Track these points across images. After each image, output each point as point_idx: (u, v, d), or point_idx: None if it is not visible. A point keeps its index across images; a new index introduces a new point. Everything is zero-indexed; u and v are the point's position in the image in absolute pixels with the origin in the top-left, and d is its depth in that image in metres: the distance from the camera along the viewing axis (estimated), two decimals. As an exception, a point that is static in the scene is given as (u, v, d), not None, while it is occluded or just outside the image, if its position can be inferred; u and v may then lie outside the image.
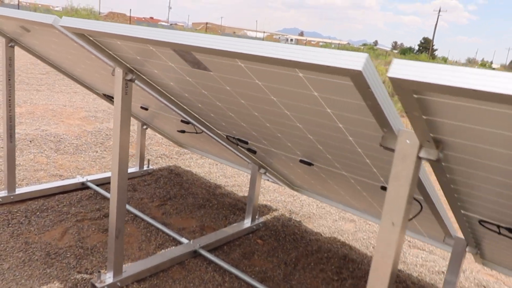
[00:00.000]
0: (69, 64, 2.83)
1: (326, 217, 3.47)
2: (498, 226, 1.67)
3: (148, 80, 2.05)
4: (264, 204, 3.59)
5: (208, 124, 2.43)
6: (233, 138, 2.43)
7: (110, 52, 1.86)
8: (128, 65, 1.94)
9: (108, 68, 2.30)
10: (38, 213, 2.99)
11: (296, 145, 1.91)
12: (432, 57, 40.91)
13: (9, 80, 2.89)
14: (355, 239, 3.17)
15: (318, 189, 2.67)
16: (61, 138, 4.32)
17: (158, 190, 3.62)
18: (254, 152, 2.46)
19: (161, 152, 4.54)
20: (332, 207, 3.68)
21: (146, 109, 2.97)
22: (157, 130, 3.90)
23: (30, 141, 4.14)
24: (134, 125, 5.40)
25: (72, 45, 2.15)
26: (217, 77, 1.48)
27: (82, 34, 1.73)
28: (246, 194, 3.75)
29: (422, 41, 59.61)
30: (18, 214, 2.92)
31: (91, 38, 1.78)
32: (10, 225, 2.77)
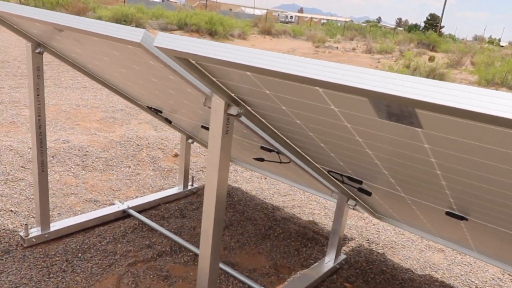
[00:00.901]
0: (116, 77, 2.27)
1: (409, 246, 2.98)
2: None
3: (259, 116, 1.52)
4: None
5: (309, 158, 1.91)
6: (340, 175, 1.91)
7: (213, 78, 1.32)
8: (233, 94, 1.40)
9: (184, 90, 1.75)
10: (80, 254, 2.47)
11: (460, 200, 1.40)
12: (439, 35, 38.99)
13: (38, 96, 2.33)
14: (453, 275, 2.68)
15: (426, 227, 2.17)
16: (87, 152, 3.77)
17: (210, 215, 3.10)
18: (367, 193, 1.94)
19: (201, 165, 4.00)
20: (412, 234, 3.19)
21: (206, 128, 2.43)
22: (202, 143, 3.36)
23: (52, 157, 3.59)
24: (165, 134, 4.86)
25: (144, 63, 1.60)
26: (422, 134, 0.96)
27: (184, 59, 1.18)
28: (311, 218, 3.25)
29: (429, 17, 57.24)
30: (57, 258, 2.40)
31: (193, 62, 1.24)
32: (51, 275, 2.25)
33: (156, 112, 2.76)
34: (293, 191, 3.70)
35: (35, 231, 2.53)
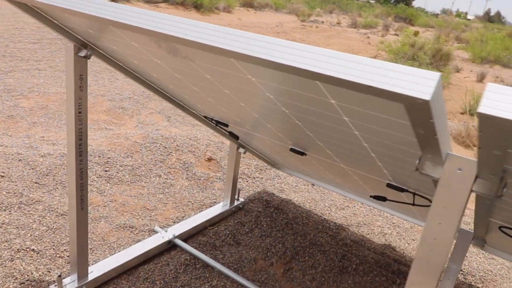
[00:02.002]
0: (189, 90, 1.68)
1: (508, 276, 2.57)
2: None
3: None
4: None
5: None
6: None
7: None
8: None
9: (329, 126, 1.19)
10: (128, 311, 1.94)
11: None
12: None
13: (80, 113, 1.72)
14: None
15: None
16: (109, 158, 3.16)
17: (268, 240, 2.60)
18: None
19: (239, 170, 3.45)
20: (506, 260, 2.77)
21: (303, 154, 1.87)
22: (257, 154, 2.82)
23: (70, 167, 2.96)
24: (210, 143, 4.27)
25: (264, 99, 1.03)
26: None
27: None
28: (383, 241, 2.78)
29: (399, -10, 54.87)
30: (102, 321, 1.86)
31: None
32: None
33: (217, 124, 2.18)
34: (350, 203, 3.22)
35: (69, 282, 1.97)
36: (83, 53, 1.61)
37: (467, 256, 2.73)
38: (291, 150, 1.86)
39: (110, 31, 1.31)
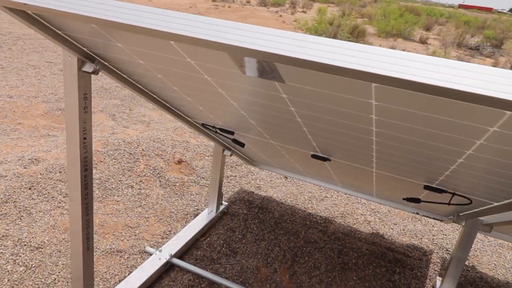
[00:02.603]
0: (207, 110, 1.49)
1: (485, 250, 2.79)
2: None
3: None
4: (417, 245, 2.75)
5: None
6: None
7: None
8: None
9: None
10: None
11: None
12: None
13: (85, 139, 1.46)
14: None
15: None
16: (70, 172, 2.78)
17: (264, 245, 2.53)
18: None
19: (210, 167, 3.29)
20: (479, 233, 3.01)
21: (326, 160, 1.79)
22: (245, 158, 2.68)
23: (30, 188, 2.56)
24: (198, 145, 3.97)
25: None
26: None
27: None
28: (370, 229, 2.85)
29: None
30: None
31: None
32: None
33: (217, 131, 2.01)
34: (327, 193, 3.24)
35: (74, 330, 1.71)
36: (89, 67, 1.34)
37: (445, 234, 2.92)
38: (313, 156, 1.77)
39: (150, 45, 1.10)
